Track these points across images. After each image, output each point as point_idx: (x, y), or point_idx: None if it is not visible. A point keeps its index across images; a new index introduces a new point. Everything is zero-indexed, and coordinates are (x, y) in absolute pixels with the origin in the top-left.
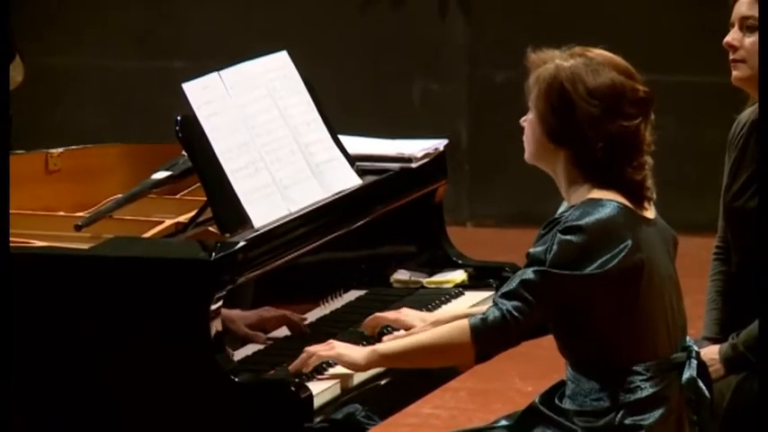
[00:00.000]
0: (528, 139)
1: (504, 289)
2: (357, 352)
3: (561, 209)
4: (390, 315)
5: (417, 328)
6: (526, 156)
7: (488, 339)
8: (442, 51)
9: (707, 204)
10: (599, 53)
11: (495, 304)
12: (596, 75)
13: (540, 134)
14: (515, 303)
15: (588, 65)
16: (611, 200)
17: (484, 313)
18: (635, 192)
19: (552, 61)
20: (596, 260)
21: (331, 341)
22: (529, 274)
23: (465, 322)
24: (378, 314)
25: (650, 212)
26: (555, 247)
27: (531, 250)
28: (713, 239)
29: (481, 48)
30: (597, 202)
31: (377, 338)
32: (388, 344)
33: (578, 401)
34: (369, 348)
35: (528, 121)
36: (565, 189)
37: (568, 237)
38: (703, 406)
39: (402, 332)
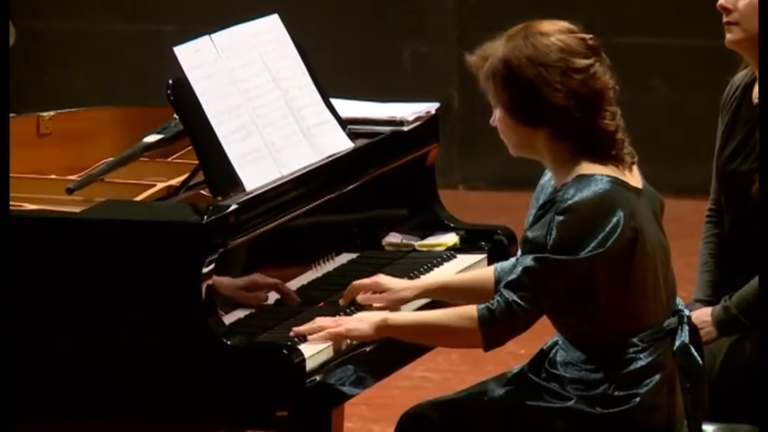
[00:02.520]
0: (506, 135)
1: (508, 278)
2: (366, 324)
3: (546, 178)
4: (366, 281)
5: (405, 289)
6: (510, 150)
7: (496, 330)
8: (432, 14)
9: (698, 167)
10: (532, 24)
11: (501, 294)
12: (539, 46)
13: (515, 124)
14: (520, 293)
15: (527, 39)
16: (601, 174)
17: (491, 303)
18: (611, 146)
19: (493, 54)
20: (596, 238)
21: (340, 318)
22: (531, 261)
23: (473, 311)
24: (356, 283)
25: (637, 180)
26: (554, 232)
27: (530, 234)
28: (704, 202)
29: (471, 10)
30: (589, 178)
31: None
32: (399, 315)
33: (571, 370)
34: (379, 317)
35: (498, 119)
36: (552, 168)
37: (566, 218)
38: (695, 372)
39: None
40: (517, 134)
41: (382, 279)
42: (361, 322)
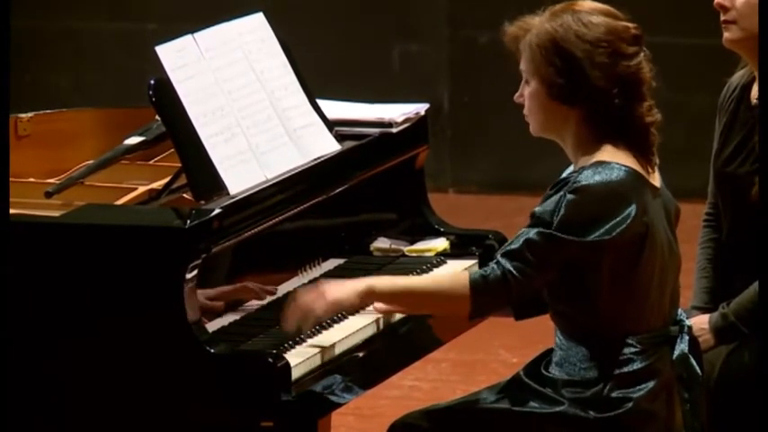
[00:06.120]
0: (533, 112)
1: (508, 247)
2: (351, 293)
3: (567, 172)
4: None
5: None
6: (533, 129)
7: (486, 297)
8: (423, 12)
9: (696, 170)
10: (579, 3)
11: (498, 262)
12: (588, 24)
13: (549, 101)
14: (517, 264)
15: (576, 18)
16: (620, 163)
17: (485, 270)
18: (644, 139)
19: (538, 26)
20: (604, 225)
21: (320, 285)
22: (534, 235)
23: (465, 276)
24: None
25: (656, 179)
26: (562, 210)
27: (537, 209)
28: (702, 206)
29: (463, 8)
30: (607, 165)
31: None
32: (386, 282)
33: (566, 369)
34: (364, 285)
35: (529, 93)
36: (573, 152)
37: (576, 198)
38: (695, 383)
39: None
40: (547, 111)
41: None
42: (345, 290)
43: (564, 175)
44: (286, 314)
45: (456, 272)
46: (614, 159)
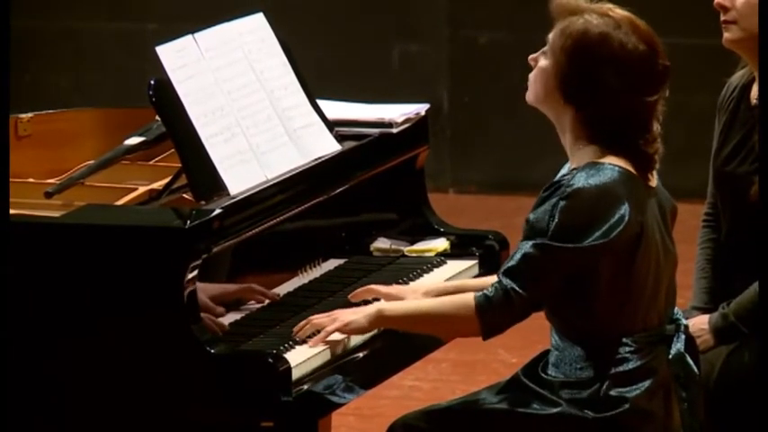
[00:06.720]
0: (537, 82)
1: (507, 264)
2: (361, 316)
3: (563, 171)
4: (384, 289)
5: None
6: (528, 97)
7: (493, 317)
8: (423, 12)
9: (695, 170)
10: (626, 17)
11: (500, 282)
12: (623, 43)
13: (553, 86)
14: (518, 281)
15: (617, 29)
16: (613, 164)
17: (488, 290)
18: (642, 161)
19: (582, 15)
20: (599, 228)
21: (334, 312)
22: (530, 248)
23: (470, 298)
24: (373, 286)
25: (653, 180)
26: (557, 217)
27: (532, 217)
28: (702, 206)
29: (463, 8)
30: (600, 167)
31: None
32: (394, 307)
33: (563, 370)
34: (374, 309)
35: (542, 67)
36: (569, 145)
37: (569, 204)
38: (692, 382)
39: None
40: (548, 94)
41: (400, 293)
42: (357, 314)
43: (559, 175)
44: (295, 331)
45: (462, 295)
46: (609, 161)
